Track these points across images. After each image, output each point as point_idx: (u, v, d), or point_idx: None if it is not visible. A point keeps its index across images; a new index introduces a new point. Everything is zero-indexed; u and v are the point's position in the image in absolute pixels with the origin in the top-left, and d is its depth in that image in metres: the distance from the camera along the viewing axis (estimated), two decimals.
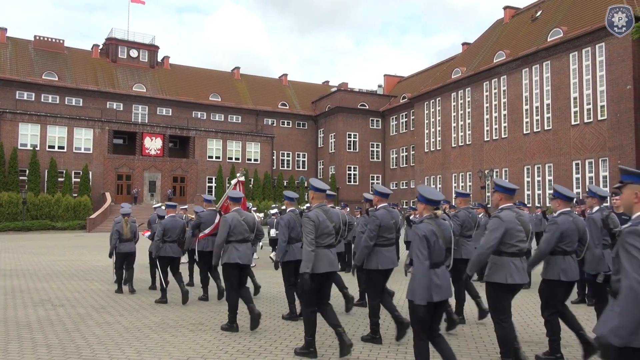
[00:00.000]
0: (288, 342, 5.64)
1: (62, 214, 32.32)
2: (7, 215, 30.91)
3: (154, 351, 5.25)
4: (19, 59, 40.30)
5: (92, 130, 37.04)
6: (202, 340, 5.69)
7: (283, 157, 48.56)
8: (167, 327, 6.31)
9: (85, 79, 41.67)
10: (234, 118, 46.55)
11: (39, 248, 19.23)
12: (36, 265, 13.54)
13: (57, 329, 6.20)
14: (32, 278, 10.94)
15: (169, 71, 47.20)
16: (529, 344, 5.57)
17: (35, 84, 39.02)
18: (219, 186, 39.69)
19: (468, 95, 36.12)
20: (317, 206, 5.07)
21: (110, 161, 37.25)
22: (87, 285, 9.95)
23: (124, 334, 6.00)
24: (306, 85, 54.35)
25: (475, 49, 39.17)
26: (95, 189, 36.05)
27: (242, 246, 6.15)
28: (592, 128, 27.09)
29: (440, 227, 3.96)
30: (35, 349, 5.31)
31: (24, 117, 34.96)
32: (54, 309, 7.46)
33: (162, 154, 39.38)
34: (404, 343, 5.47)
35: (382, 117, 48.19)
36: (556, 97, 29.13)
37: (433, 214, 4.00)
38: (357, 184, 46.21)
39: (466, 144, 36.05)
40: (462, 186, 36.13)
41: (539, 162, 30.18)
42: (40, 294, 8.83)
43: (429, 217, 3.98)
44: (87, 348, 5.36)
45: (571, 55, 28.35)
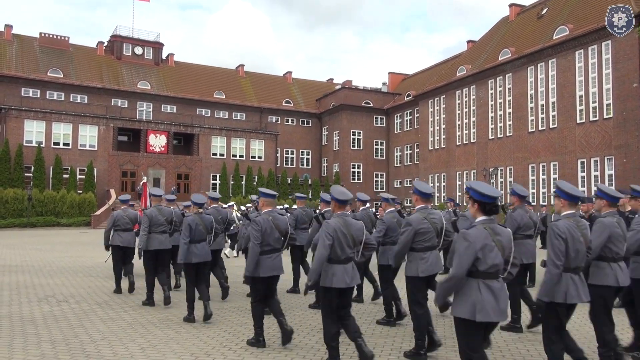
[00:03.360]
0: (297, 341, 5.61)
1: (67, 211, 32.46)
2: (13, 212, 31.07)
3: (157, 347, 5.26)
4: (24, 56, 40.46)
5: (97, 127, 37.15)
6: (205, 336, 5.70)
7: (287, 154, 48.57)
8: (170, 324, 6.32)
9: (90, 76, 41.79)
10: (238, 115, 46.57)
11: (44, 244, 19.30)
12: (41, 261, 13.57)
13: (61, 325, 6.22)
14: (37, 274, 10.97)
15: (173, 68, 47.26)
16: (532, 342, 5.52)
17: (41, 81, 39.17)
18: (223, 183, 39.75)
19: (473, 93, 35.99)
20: (267, 212, 5.31)
21: (114, 158, 37.37)
22: (92, 281, 9.97)
23: (127, 330, 6.01)
24: (310, 83, 54.30)
25: (481, 47, 39.01)
26: (100, 186, 36.19)
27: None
28: (598, 126, 26.94)
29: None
30: (40, 345, 5.33)
31: (29, 114, 35.10)
32: (59, 305, 7.49)
33: (167, 151, 39.47)
34: None
35: (386, 115, 48.10)
36: (562, 95, 28.99)
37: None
38: (361, 181, 46.17)
39: (471, 142, 35.94)
40: (466, 185, 36.01)
41: (544, 160, 30.05)
42: (44, 290, 8.86)
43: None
44: (91, 344, 5.38)
45: (577, 53, 28.20)
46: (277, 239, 5.29)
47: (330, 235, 4.32)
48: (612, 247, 4.28)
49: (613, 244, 4.28)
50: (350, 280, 4.41)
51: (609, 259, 4.28)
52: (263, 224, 5.16)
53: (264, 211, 5.37)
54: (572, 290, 3.78)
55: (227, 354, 5.04)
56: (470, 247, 3.28)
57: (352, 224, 4.49)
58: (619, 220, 4.35)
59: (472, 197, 3.52)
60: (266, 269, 5.19)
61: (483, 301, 3.28)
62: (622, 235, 4.38)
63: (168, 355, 5.01)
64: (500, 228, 3.44)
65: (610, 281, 4.23)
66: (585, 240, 3.88)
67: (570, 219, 3.85)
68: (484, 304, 3.27)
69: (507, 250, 3.42)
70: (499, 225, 3.46)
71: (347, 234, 4.40)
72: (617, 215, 4.50)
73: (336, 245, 4.35)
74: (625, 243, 4.42)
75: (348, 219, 4.52)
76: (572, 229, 3.79)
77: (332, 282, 4.34)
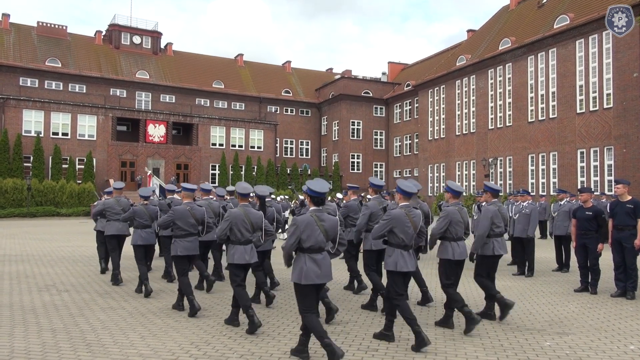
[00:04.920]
0: (291, 327, 5.69)
1: (67, 201, 32.49)
2: (12, 202, 31.11)
3: (157, 336, 5.29)
4: (22, 45, 40.21)
5: (96, 117, 37.04)
6: (205, 325, 5.74)
7: (286, 144, 48.51)
8: (170, 313, 6.36)
9: (89, 66, 41.58)
10: (237, 105, 46.43)
11: (44, 234, 19.36)
12: (41, 250, 13.63)
13: (62, 314, 6.27)
14: (37, 263, 11.02)
15: (172, 58, 47.01)
16: (531, 331, 5.58)
17: (39, 70, 38.96)
18: (223, 173, 39.75)
19: (473, 83, 35.86)
20: (242, 206, 5.76)
21: (114, 148, 37.31)
22: (92, 270, 10.01)
23: (127, 319, 6.06)
24: (310, 73, 54.07)
25: (481, 36, 38.80)
26: (99, 176, 36.18)
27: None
28: (598, 116, 26.89)
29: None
30: (40, 334, 5.37)
31: (27, 103, 34.97)
32: (59, 294, 7.53)
33: (166, 141, 39.40)
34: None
35: (385, 105, 47.97)
36: (562, 85, 28.89)
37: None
38: (360, 171, 46.19)
39: (470, 132, 35.89)
40: (465, 174, 36.07)
41: (544, 150, 30.04)
42: (45, 280, 8.91)
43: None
44: (91, 332, 5.41)
45: (577, 42, 28.05)
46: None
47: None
48: (494, 228, 5.97)
49: (495, 225, 5.95)
50: (249, 257, 5.62)
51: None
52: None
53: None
54: (402, 262, 4.99)
55: (227, 342, 5.09)
56: (297, 229, 4.45)
57: (252, 213, 5.72)
58: (460, 209, 5.70)
59: (306, 192, 4.69)
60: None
61: (308, 269, 4.40)
62: (503, 217, 6.09)
63: (168, 343, 5.04)
64: (326, 215, 4.54)
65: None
66: (414, 225, 5.05)
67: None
68: (308, 271, 4.39)
69: (331, 233, 4.57)
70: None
71: (247, 221, 5.62)
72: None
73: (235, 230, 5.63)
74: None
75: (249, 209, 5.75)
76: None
77: (233, 259, 5.59)
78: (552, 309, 6.67)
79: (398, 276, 5.04)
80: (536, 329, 5.65)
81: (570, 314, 6.36)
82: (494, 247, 5.96)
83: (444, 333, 5.45)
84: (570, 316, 6.26)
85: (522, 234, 9.43)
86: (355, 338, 5.27)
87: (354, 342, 5.11)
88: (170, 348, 4.89)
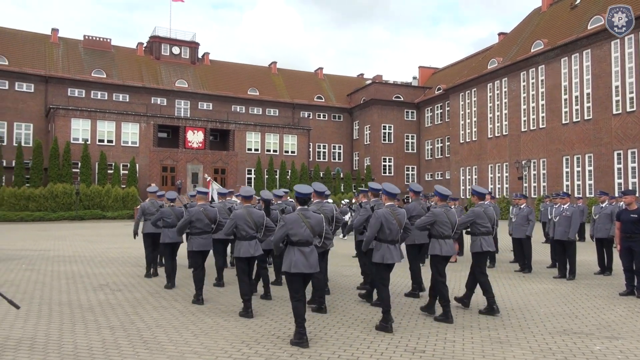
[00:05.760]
0: (343, 331, 5.58)
1: (112, 204, 34.20)
2: (62, 205, 33.00)
3: (209, 335, 5.41)
4: (69, 57, 42.60)
5: (138, 125, 38.85)
6: (254, 325, 5.85)
7: (319, 149, 49.35)
8: (219, 312, 6.50)
9: (131, 76, 43.63)
10: (271, 111, 47.65)
11: (92, 236, 19.92)
12: (92, 252, 14.00)
13: (117, 312, 6.49)
14: (90, 264, 11.37)
15: (209, 67, 48.70)
16: (579, 335, 5.45)
17: (85, 81, 41.21)
18: (258, 177, 40.88)
19: (505, 86, 35.79)
20: (245, 207, 6.43)
21: (155, 154, 39.00)
22: (141, 271, 10.14)
23: (179, 317, 6.21)
24: (341, 78, 54.84)
25: (512, 39, 38.66)
26: (141, 180, 37.86)
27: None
28: (635, 117, 26.52)
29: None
30: (100, 331, 5.57)
31: (75, 112, 37.03)
32: (113, 294, 7.78)
33: (204, 147, 40.87)
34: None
35: (417, 109, 48.17)
36: (597, 86, 28.60)
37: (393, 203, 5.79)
38: (392, 175, 46.50)
39: (502, 134, 35.79)
40: (498, 177, 35.97)
41: (579, 152, 29.75)
42: (98, 279, 9.20)
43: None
44: (147, 330, 5.57)
45: (613, 43, 27.74)
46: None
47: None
48: (479, 227, 6.57)
49: (443, 225, 6.21)
50: (254, 251, 6.31)
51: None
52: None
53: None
54: (388, 255, 5.60)
55: (276, 341, 5.16)
56: (285, 225, 5.12)
57: (254, 213, 6.41)
58: (447, 210, 6.25)
59: (295, 196, 5.35)
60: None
61: (296, 260, 5.06)
62: (489, 217, 6.72)
63: (220, 342, 5.13)
64: (311, 213, 5.26)
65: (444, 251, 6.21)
66: (399, 222, 5.68)
67: (389, 208, 5.76)
68: (297, 262, 5.05)
69: (317, 228, 5.28)
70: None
71: (250, 220, 6.31)
72: (446, 207, 6.35)
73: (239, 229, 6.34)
74: (451, 226, 6.29)
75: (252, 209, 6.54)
76: (387, 214, 5.65)
77: (240, 253, 6.30)
78: (599, 313, 6.48)
79: (384, 268, 5.70)
80: (584, 333, 5.51)
81: (618, 318, 6.20)
82: (481, 244, 6.55)
83: (489, 336, 5.37)
84: (619, 320, 6.10)
85: (564, 237, 9.14)
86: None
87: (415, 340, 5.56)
88: (222, 346, 4.98)
